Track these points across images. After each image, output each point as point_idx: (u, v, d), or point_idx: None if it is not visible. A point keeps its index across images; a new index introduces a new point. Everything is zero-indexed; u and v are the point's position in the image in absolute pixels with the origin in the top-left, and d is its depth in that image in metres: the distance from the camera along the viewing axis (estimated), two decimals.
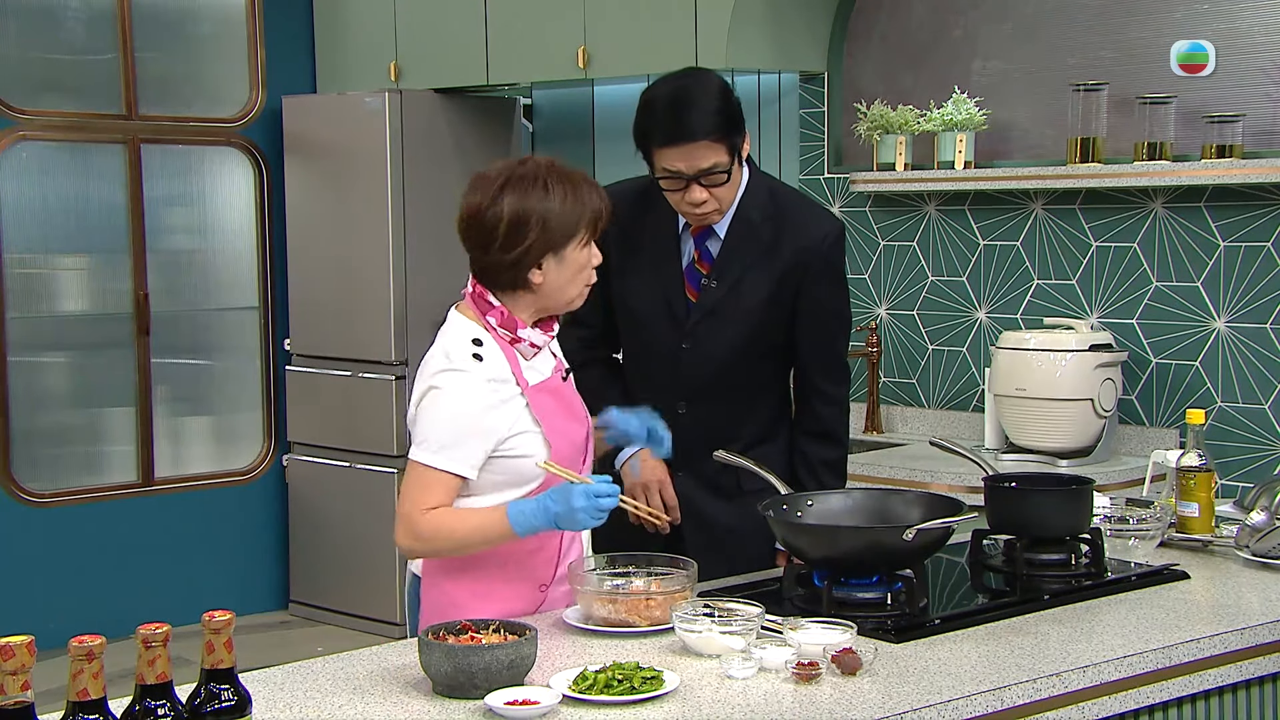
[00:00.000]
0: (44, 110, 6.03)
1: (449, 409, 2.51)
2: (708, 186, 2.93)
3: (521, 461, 2.56)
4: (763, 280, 3.03)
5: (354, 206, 6.21)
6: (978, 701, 2.18)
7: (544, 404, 2.60)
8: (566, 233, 2.54)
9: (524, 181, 2.54)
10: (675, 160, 2.91)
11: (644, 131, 2.95)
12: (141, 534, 6.24)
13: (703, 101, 2.91)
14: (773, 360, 3.13)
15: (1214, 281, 4.52)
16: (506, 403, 2.55)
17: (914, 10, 5.20)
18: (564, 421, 2.63)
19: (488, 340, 2.58)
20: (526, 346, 2.61)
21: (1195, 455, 3.13)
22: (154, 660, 1.77)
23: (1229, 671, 2.52)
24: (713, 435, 3.03)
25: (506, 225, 2.53)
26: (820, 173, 5.43)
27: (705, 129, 2.89)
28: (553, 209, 2.52)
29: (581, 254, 2.58)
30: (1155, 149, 4.48)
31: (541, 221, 2.52)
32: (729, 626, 2.34)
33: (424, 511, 2.50)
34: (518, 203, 2.52)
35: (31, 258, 6.10)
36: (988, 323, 5.02)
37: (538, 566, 2.64)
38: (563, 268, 2.57)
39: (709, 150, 2.90)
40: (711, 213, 2.99)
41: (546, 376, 2.64)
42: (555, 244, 2.54)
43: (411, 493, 2.52)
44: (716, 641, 2.33)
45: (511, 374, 2.57)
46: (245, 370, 6.64)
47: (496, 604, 2.57)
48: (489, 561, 2.58)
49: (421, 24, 6.15)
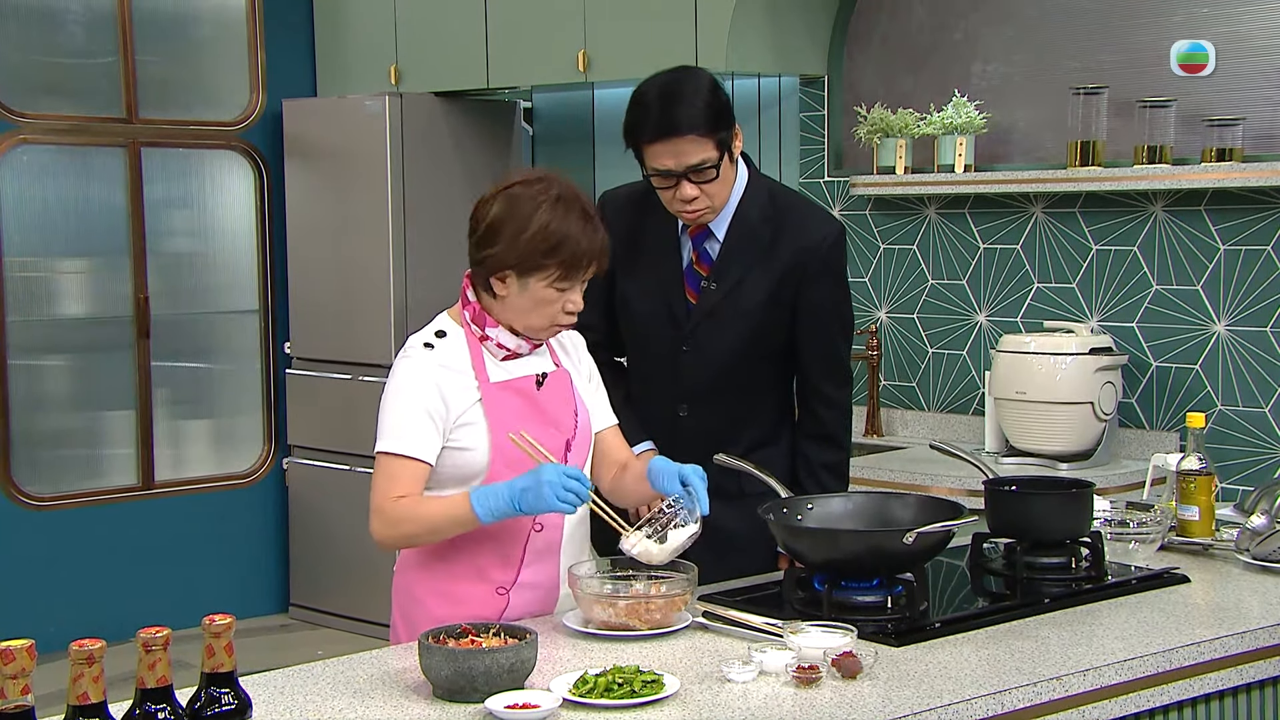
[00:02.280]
0: (44, 113, 6.04)
1: (396, 394, 2.59)
2: (698, 183, 2.91)
3: (464, 454, 2.58)
4: (762, 282, 3.02)
5: (354, 209, 6.21)
6: (978, 705, 2.18)
7: (502, 402, 2.60)
8: (533, 262, 2.53)
9: (526, 195, 2.56)
10: (663, 157, 2.90)
11: (632, 128, 2.94)
12: (141, 537, 6.24)
13: (689, 97, 2.89)
14: (774, 363, 3.12)
15: (1214, 285, 4.52)
16: (460, 391, 2.58)
17: (914, 13, 5.20)
18: (528, 425, 2.60)
19: (454, 333, 2.63)
20: (494, 346, 2.63)
21: (1195, 459, 3.13)
22: (154, 664, 1.77)
23: (1229, 675, 2.53)
24: (714, 438, 3.02)
25: (486, 225, 2.57)
26: (820, 176, 5.43)
27: (691, 123, 2.87)
28: (527, 231, 2.52)
29: (547, 291, 2.56)
30: (1155, 152, 4.48)
31: (512, 237, 2.53)
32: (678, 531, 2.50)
33: (393, 500, 2.54)
34: (504, 209, 2.55)
35: (32, 260, 6.09)
36: (988, 326, 5.02)
37: (495, 568, 2.63)
38: (525, 294, 2.57)
39: (696, 145, 2.88)
40: (704, 210, 2.97)
41: (517, 377, 2.64)
42: (519, 266, 2.54)
43: (378, 483, 2.57)
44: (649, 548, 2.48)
45: (470, 366, 2.60)
46: (245, 373, 6.64)
47: (454, 604, 2.59)
48: (446, 559, 2.62)
49: (422, 27, 6.15)
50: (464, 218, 2.67)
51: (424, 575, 2.65)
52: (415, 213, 6.08)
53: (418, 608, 2.64)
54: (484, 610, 2.60)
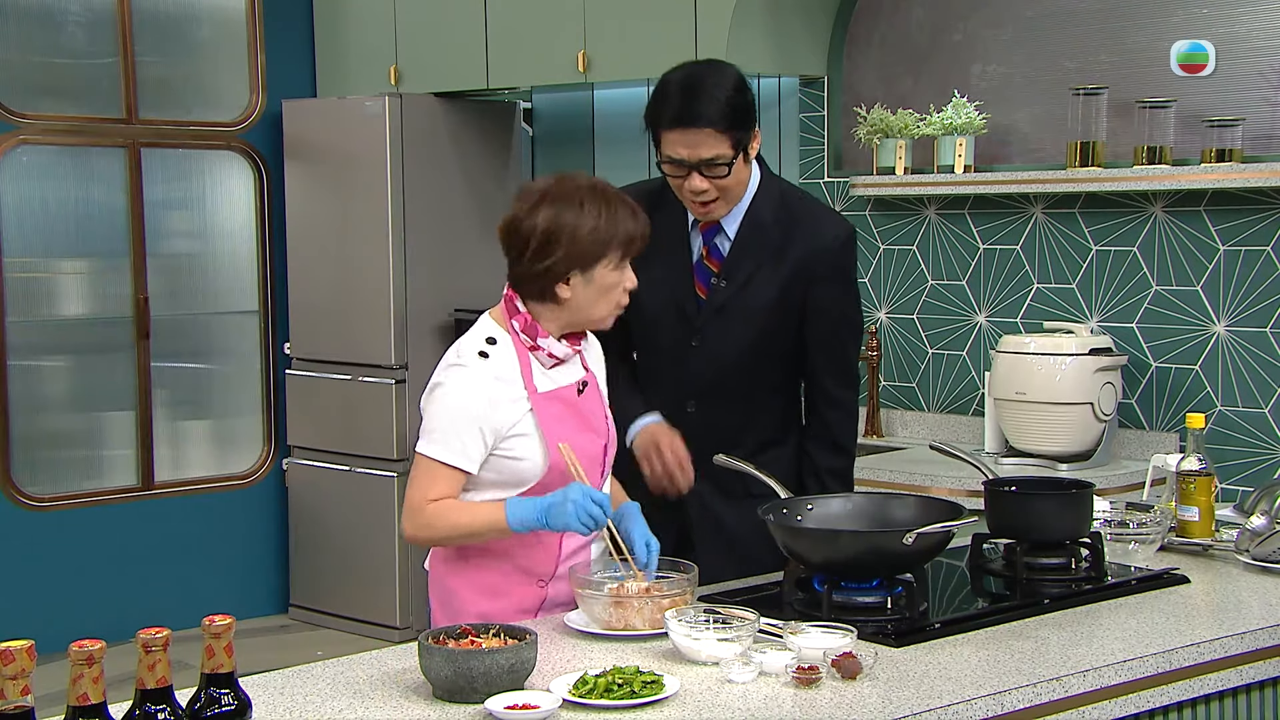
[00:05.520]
0: (44, 114, 6.04)
1: (450, 402, 2.59)
2: (709, 177, 2.93)
3: (518, 464, 2.61)
4: (772, 281, 3.03)
5: (354, 210, 6.21)
6: (978, 706, 2.18)
7: (550, 411, 2.63)
8: (596, 252, 2.60)
9: (562, 197, 2.60)
10: (678, 146, 2.92)
11: (653, 113, 2.96)
12: (141, 538, 6.24)
13: (714, 90, 2.90)
14: (782, 364, 3.12)
15: (1214, 285, 4.52)
16: (511, 402, 2.60)
17: (914, 14, 5.20)
18: (573, 432, 2.66)
19: (504, 341, 2.64)
20: (545, 356, 2.65)
21: (1195, 459, 3.13)
22: (154, 665, 1.77)
23: (1229, 676, 2.52)
24: (721, 436, 3.03)
25: (539, 238, 2.59)
26: (820, 177, 5.43)
27: (710, 117, 2.88)
28: (584, 227, 2.58)
29: (611, 275, 2.63)
30: (1155, 153, 4.48)
31: (571, 238, 2.58)
32: (726, 633, 2.34)
33: (429, 501, 2.58)
34: (552, 217, 2.58)
35: (32, 261, 6.10)
36: (988, 327, 5.03)
37: (535, 562, 2.67)
38: (590, 286, 2.62)
39: (712, 139, 2.90)
40: (714, 204, 2.99)
41: (563, 386, 2.67)
42: (583, 261, 2.60)
43: (419, 482, 2.60)
44: (711, 648, 2.32)
45: (520, 376, 2.62)
46: (245, 374, 6.64)
47: (496, 597, 2.64)
48: (487, 556, 2.65)
49: (421, 28, 6.15)
50: (464, 218, 2.70)
51: (465, 569, 2.68)
52: (415, 213, 6.08)
53: (459, 601, 2.68)
54: (525, 603, 2.67)
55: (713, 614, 2.42)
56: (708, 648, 2.32)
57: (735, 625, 2.37)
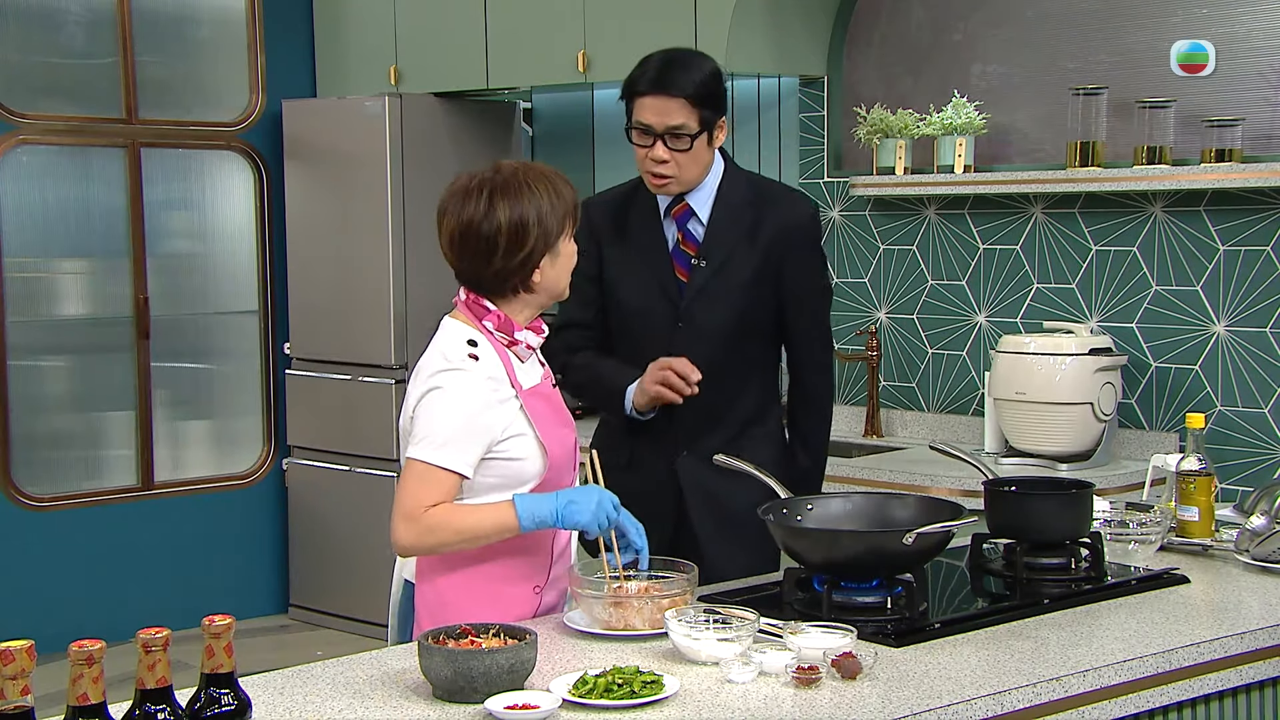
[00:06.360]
0: (44, 114, 6.04)
1: (450, 406, 2.54)
2: (672, 149, 3.08)
3: (518, 464, 2.59)
4: (749, 258, 3.19)
5: (354, 210, 6.21)
6: (978, 706, 2.18)
7: (538, 407, 2.64)
8: (558, 229, 2.61)
9: (509, 188, 2.58)
10: (648, 112, 3.08)
11: (631, 80, 3.14)
12: (141, 538, 6.24)
13: (691, 69, 3.11)
14: (761, 342, 3.28)
15: (1214, 285, 4.52)
16: (503, 403, 2.58)
17: (913, 14, 5.20)
18: (556, 426, 2.67)
19: (483, 342, 2.61)
20: (523, 349, 2.65)
21: (1195, 459, 3.13)
22: (154, 665, 1.77)
23: (1229, 676, 2.53)
24: (707, 416, 3.17)
25: (508, 234, 2.56)
26: (820, 176, 5.43)
27: (683, 87, 3.07)
28: (543, 209, 2.58)
29: (568, 244, 2.66)
30: (1154, 153, 4.48)
31: (538, 223, 2.57)
32: (726, 633, 2.34)
33: (426, 508, 2.51)
34: (511, 210, 2.56)
35: (31, 261, 6.10)
36: (987, 327, 5.02)
37: (531, 568, 2.66)
38: (556, 262, 2.64)
39: (681, 110, 3.07)
40: (669, 180, 3.14)
41: (538, 382, 2.68)
42: (550, 242, 2.61)
43: (413, 490, 2.52)
44: (711, 648, 2.32)
45: (506, 375, 2.60)
46: (245, 374, 6.64)
47: (495, 606, 2.59)
48: (482, 561, 2.60)
49: (421, 28, 6.15)
50: None
51: (461, 580, 2.61)
52: (415, 213, 6.08)
53: (453, 613, 2.54)
54: (524, 610, 2.64)
55: (712, 614, 2.42)
56: (708, 648, 2.32)
57: (735, 625, 2.37)
